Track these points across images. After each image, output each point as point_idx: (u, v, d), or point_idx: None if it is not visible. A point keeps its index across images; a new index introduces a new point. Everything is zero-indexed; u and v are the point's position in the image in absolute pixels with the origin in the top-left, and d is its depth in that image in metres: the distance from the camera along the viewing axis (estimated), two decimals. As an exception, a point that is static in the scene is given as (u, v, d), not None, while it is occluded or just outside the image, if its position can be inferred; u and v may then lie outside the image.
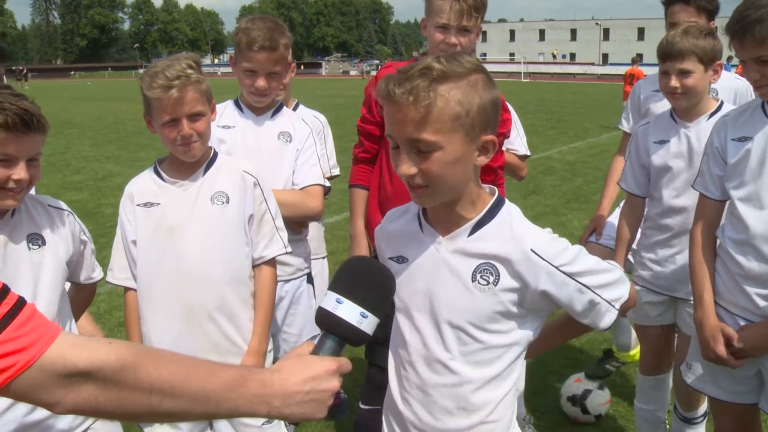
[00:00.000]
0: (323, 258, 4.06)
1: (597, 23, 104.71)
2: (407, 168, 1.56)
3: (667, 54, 2.85)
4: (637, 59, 22.18)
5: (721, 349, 2.40)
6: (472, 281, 1.65)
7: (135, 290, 2.48)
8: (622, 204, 3.63)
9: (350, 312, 1.38)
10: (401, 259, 1.77)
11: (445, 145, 1.53)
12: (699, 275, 2.53)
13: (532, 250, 1.62)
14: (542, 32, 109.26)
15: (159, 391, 1.17)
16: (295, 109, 3.67)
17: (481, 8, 2.80)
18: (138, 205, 2.45)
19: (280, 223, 2.61)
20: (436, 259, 1.70)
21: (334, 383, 1.32)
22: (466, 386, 1.69)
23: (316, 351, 1.37)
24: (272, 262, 2.58)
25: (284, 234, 2.60)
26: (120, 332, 5.46)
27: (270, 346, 2.63)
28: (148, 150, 15.18)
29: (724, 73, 3.10)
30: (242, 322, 2.48)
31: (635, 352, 4.30)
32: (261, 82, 2.93)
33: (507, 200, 1.72)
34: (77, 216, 2.30)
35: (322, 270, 3.97)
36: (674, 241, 3.01)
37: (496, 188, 1.73)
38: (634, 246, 3.26)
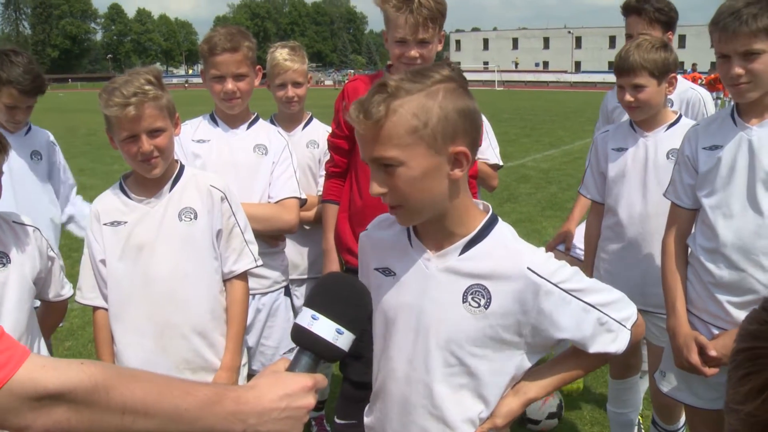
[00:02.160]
0: None
1: (569, 32, 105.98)
2: (376, 188, 1.55)
3: (620, 69, 2.88)
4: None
5: (695, 358, 2.41)
6: (463, 302, 1.60)
7: (104, 309, 2.44)
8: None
9: (326, 328, 1.36)
10: (388, 272, 1.73)
11: (406, 160, 1.50)
12: (671, 284, 2.54)
13: (528, 268, 1.58)
14: (515, 41, 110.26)
15: (132, 411, 1.15)
16: (308, 122, 3.68)
17: (437, 18, 2.79)
18: (105, 224, 2.41)
19: (250, 236, 2.58)
20: (425, 275, 1.65)
21: (310, 400, 1.31)
22: (447, 410, 1.64)
23: (291, 368, 1.35)
24: (243, 276, 2.55)
25: (254, 247, 2.58)
26: (93, 348, 5.36)
27: (244, 360, 2.60)
28: (122, 162, 14.82)
29: (679, 82, 3.14)
30: (215, 338, 2.45)
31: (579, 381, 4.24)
32: (229, 85, 2.92)
33: (500, 219, 1.68)
34: (50, 231, 2.27)
35: None
36: (630, 251, 3.03)
37: (489, 205, 1.70)
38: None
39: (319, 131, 3.57)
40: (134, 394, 1.15)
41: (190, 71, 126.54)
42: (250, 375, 2.77)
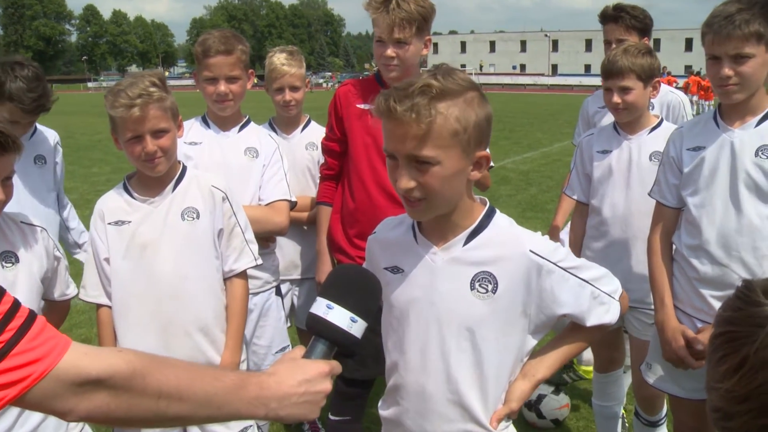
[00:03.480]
0: None
1: (546, 35, 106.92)
2: (406, 182, 1.60)
3: (609, 72, 3.00)
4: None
5: (683, 351, 2.51)
6: (471, 289, 1.70)
7: (108, 307, 2.48)
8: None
9: (341, 317, 1.44)
10: (396, 270, 1.81)
11: (443, 160, 1.58)
12: (658, 280, 2.64)
13: (531, 250, 1.69)
14: (493, 44, 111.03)
15: (167, 396, 1.22)
16: (306, 125, 3.74)
17: (416, 20, 2.87)
18: (109, 223, 2.45)
19: (250, 235, 2.64)
20: (432, 269, 1.74)
21: (327, 385, 1.39)
22: (464, 395, 1.73)
23: (307, 355, 1.43)
24: (243, 275, 2.61)
25: (254, 246, 2.64)
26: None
27: (243, 357, 2.65)
28: (101, 165, 14.93)
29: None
30: (217, 336, 2.50)
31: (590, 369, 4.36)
32: (221, 87, 2.97)
33: (498, 210, 1.79)
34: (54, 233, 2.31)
35: None
36: (613, 249, 3.13)
37: (486, 198, 1.80)
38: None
39: (318, 134, 3.62)
40: (168, 380, 1.22)
41: (167, 73, 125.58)
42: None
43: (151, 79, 2.33)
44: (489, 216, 1.75)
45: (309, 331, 1.47)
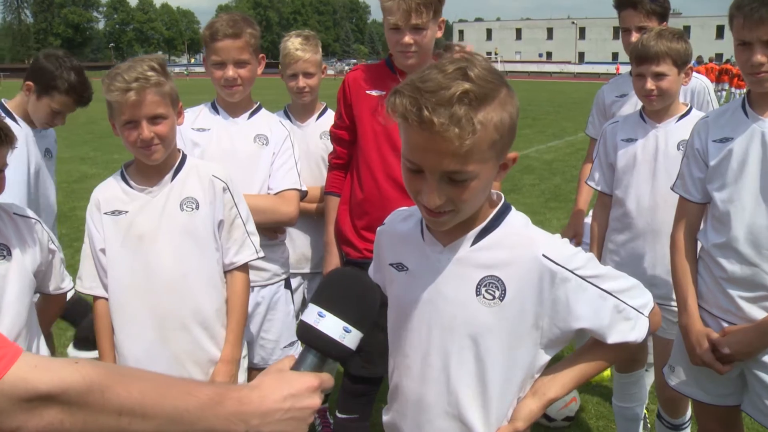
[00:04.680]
0: None
1: (573, 22, 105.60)
2: (437, 199, 1.43)
3: (643, 57, 2.84)
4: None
5: (709, 356, 2.37)
6: (477, 295, 1.54)
7: (105, 299, 2.40)
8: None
9: (332, 326, 1.32)
10: (401, 267, 1.68)
11: (480, 174, 1.42)
12: (682, 280, 2.50)
13: (544, 255, 1.51)
14: (519, 31, 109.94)
15: (129, 412, 1.10)
16: (322, 113, 3.62)
17: (431, 3, 2.75)
18: (105, 213, 2.37)
19: (252, 227, 2.54)
20: (437, 270, 1.59)
21: (315, 400, 1.27)
22: (463, 409, 1.59)
23: (296, 366, 1.32)
24: (245, 268, 2.52)
25: (256, 239, 2.54)
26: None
27: (244, 353, 2.57)
28: (123, 151, 14.88)
29: None
30: (216, 330, 2.42)
31: (607, 371, 4.20)
32: (229, 72, 2.88)
33: (513, 208, 1.63)
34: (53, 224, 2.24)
35: None
36: (638, 242, 3.00)
37: (501, 194, 1.63)
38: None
39: None
40: (131, 395, 1.11)
41: (192, 60, 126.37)
42: (250, 369, 2.75)
43: (149, 63, 2.23)
44: (502, 214, 1.59)
45: (300, 340, 1.36)
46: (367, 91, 3.00)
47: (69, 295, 2.49)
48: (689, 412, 3.14)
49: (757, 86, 2.28)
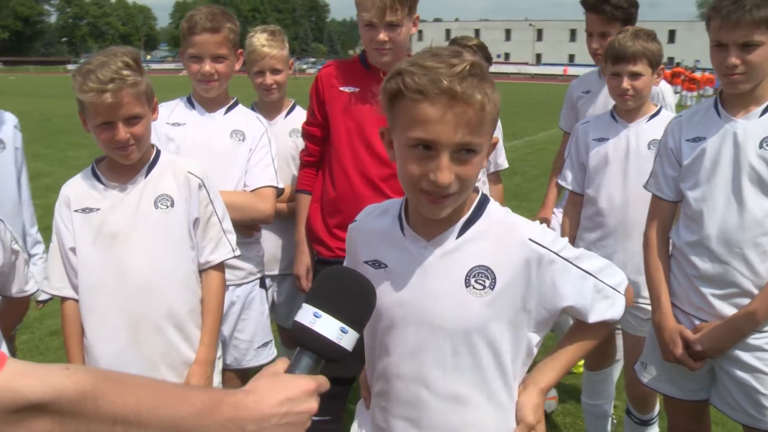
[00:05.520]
0: None
1: (531, 24, 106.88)
2: (449, 175, 1.42)
3: (620, 56, 2.87)
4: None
5: (682, 353, 2.41)
6: (466, 287, 1.54)
7: (74, 300, 2.32)
8: (556, 209, 3.71)
9: (329, 327, 1.29)
10: (378, 264, 1.64)
11: (483, 148, 1.46)
12: (655, 278, 2.53)
13: (530, 239, 1.54)
14: (477, 32, 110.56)
15: (123, 420, 1.05)
16: (291, 111, 3.55)
17: (406, 0, 2.74)
18: (76, 210, 2.28)
19: (228, 225, 2.49)
20: (422, 266, 1.58)
21: (312, 404, 1.24)
22: (461, 403, 1.58)
23: (291, 369, 1.28)
24: (220, 267, 2.46)
25: (232, 237, 2.49)
26: (52, 341, 5.21)
27: (218, 353, 2.51)
28: (78, 148, 14.64)
29: None
30: (191, 331, 2.35)
31: (580, 362, 4.26)
32: (206, 66, 2.82)
33: (491, 198, 1.64)
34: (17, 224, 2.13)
35: None
36: (609, 240, 3.04)
37: (478, 186, 1.63)
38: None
39: (303, 120, 3.47)
40: (126, 403, 1.06)
41: (149, 57, 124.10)
42: (224, 370, 2.69)
43: (123, 59, 2.14)
44: (482, 204, 1.60)
45: (294, 342, 1.32)
46: (341, 88, 2.97)
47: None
48: (657, 408, 3.19)
49: (730, 87, 2.32)
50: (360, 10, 2.81)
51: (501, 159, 3.81)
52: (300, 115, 3.54)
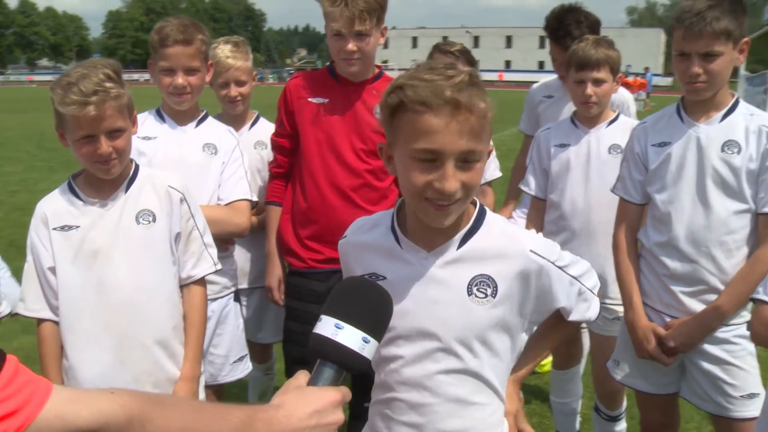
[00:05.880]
0: None
1: (467, 31, 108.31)
2: (455, 183, 1.47)
3: (584, 64, 2.97)
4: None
5: (655, 350, 2.51)
6: (469, 294, 1.59)
7: (51, 321, 2.25)
8: (517, 210, 3.81)
9: (352, 337, 1.30)
10: (376, 277, 1.66)
11: (484, 155, 1.52)
12: (626, 278, 2.63)
13: (531, 250, 1.61)
14: (415, 39, 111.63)
15: None
16: (255, 122, 3.52)
17: (375, 10, 2.77)
18: (54, 228, 2.22)
19: (209, 239, 2.46)
20: (423, 276, 1.61)
21: (339, 415, 1.26)
22: (464, 406, 1.63)
23: (313, 381, 1.30)
24: (202, 281, 2.44)
25: (213, 251, 2.47)
26: (22, 358, 5.00)
27: (201, 369, 2.49)
28: (13, 163, 14.09)
29: None
30: (176, 348, 2.32)
31: (547, 362, 4.37)
32: (179, 80, 2.80)
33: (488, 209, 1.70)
34: None
35: None
36: (574, 243, 3.11)
37: (476, 198, 1.68)
38: None
39: (267, 131, 3.43)
40: (171, 424, 1.07)
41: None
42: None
43: (105, 71, 2.10)
44: (481, 216, 1.65)
45: (313, 355, 1.32)
46: (309, 99, 2.98)
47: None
48: (625, 404, 3.30)
49: (693, 95, 2.44)
50: (328, 20, 2.82)
51: (492, 168, 3.75)
52: (264, 127, 3.53)
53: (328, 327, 1.31)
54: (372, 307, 1.38)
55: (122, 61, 3.03)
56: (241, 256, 3.36)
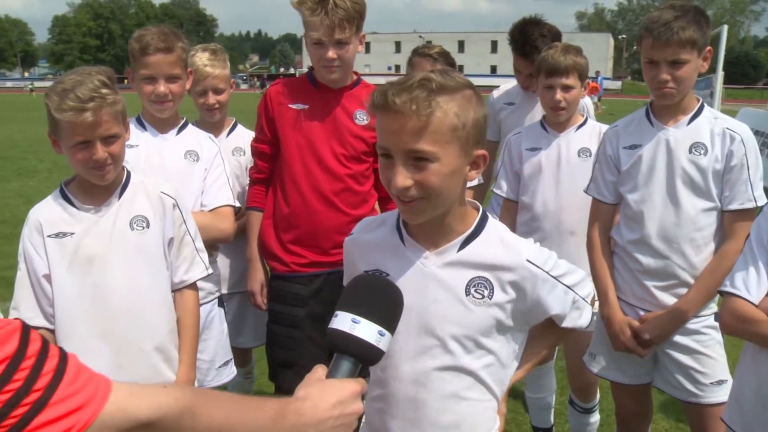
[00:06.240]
0: None
1: (420, 36, 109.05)
2: (403, 180, 1.54)
3: (553, 70, 3.09)
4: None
5: (631, 342, 2.64)
6: (466, 295, 1.67)
7: (45, 329, 2.25)
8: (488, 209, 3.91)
9: (368, 331, 1.37)
10: (379, 273, 1.73)
11: (441, 157, 1.54)
12: (601, 275, 2.76)
13: (528, 260, 1.69)
14: (368, 45, 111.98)
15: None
16: (232, 129, 3.55)
17: (354, 18, 2.83)
18: (49, 236, 2.23)
19: (200, 244, 2.50)
20: (424, 274, 1.69)
21: (359, 405, 1.34)
22: (457, 402, 1.70)
23: (332, 374, 1.37)
24: (194, 286, 2.47)
25: (205, 255, 2.51)
26: None
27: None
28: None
29: None
30: (171, 352, 2.35)
31: None
32: (161, 88, 2.82)
33: (490, 215, 1.77)
34: None
35: None
36: (546, 243, 3.17)
37: (479, 203, 1.77)
38: None
39: (245, 138, 3.47)
40: (217, 415, 1.14)
41: (26, 74, 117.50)
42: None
43: (99, 78, 2.12)
44: (483, 221, 1.73)
45: (330, 349, 1.40)
46: (290, 105, 3.02)
47: None
48: (598, 396, 3.44)
49: (661, 100, 2.58)
50: (309, 29, 2.87)
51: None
52: (242, 134, 3.57)
53: (345, 322, 1.39)
54: (385, 302, 1.45)
55: (69, 68, 2.99)
56: (220, 261, 3.38)
